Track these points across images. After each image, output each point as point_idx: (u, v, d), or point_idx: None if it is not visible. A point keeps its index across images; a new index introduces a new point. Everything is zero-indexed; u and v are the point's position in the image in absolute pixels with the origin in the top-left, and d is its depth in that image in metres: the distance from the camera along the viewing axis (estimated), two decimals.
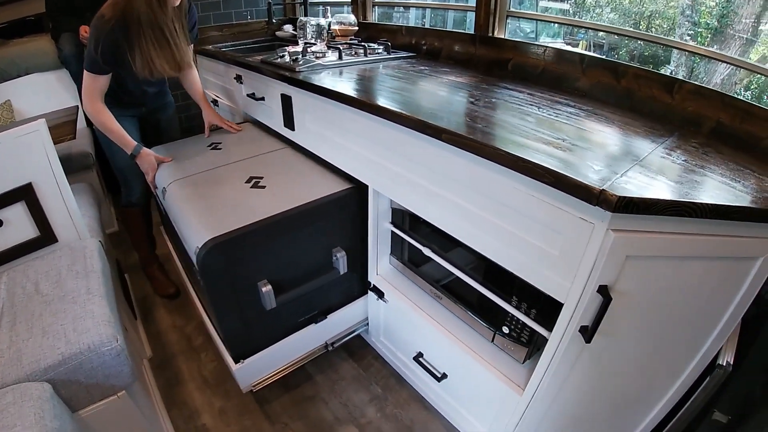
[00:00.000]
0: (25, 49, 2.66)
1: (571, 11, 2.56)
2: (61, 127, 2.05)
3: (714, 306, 0.99)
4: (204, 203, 1.42)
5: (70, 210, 1.51)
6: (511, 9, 1.71)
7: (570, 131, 1.07)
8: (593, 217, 0.81)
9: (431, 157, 1.13)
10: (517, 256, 0.98)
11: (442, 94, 1.40)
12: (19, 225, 1.45)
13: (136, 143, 1.70)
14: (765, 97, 1.61)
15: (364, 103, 1.28)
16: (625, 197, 0.74)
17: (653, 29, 2.04)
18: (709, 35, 1.78)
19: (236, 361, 1.44)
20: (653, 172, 0.88)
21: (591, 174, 0.82)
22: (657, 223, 0.80)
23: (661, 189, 0.81)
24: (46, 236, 1.49)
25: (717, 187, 0.87)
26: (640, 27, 2.04)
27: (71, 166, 2.25)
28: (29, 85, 2.64)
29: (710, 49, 1.56)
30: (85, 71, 1.54)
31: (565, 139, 1.00)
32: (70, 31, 2.54)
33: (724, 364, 1.09)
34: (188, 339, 1.88)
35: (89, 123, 2.68)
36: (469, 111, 1.24)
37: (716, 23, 1.71)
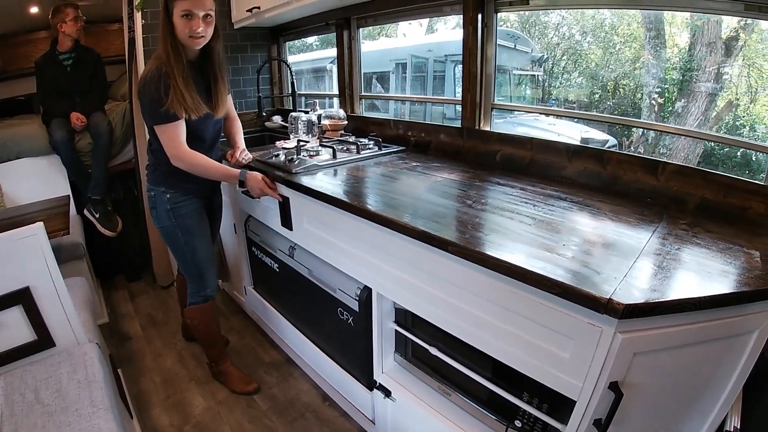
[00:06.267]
0: (17, 133, 2.67)
1: (540, 78, 2.73)
2: (54, 220, 2.05)
3: (717, 379, 1.01)
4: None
5: (68, 314, 1.49)
6: (495, 101, 1.81)
7: (568, 231, 1.12)
8: (601, 322, 0.85)
9: (435, 265, 1.15)
10: (527, 359, 1.01)
11: (438, 196, 1.41)
12: (16, 329, 1.41)
13: (240, 169, 1.66)
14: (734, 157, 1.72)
15: (366, 211, 1.30)
16: (630, 305, 0.79)
17: (620, 89, 2.16)
18: (676, 89, 1.88)
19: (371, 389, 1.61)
20: (653, 267, 0.94)
21: (596, 279, 0.87)
22: (661, 320, 0.85)
23: (663, 287, 0.86)
24: (43, 340, 1.46)
25: (712, 276, 0.91)
26: (608, 88, 2.16)
27: (62, 256, 2.21)
28: (20, 169, 2.63)
29: (670, 125, 1.67)
30: (156, 128, 1.53)
31: (565, 243, 1.05)
32: (60, 117, 2.57)
33: (732, 430, 1.09)
34: None
35: (79, 210, 2.67)
36: (468, 217, 1.24)
37: (680, 77, 1.81)
